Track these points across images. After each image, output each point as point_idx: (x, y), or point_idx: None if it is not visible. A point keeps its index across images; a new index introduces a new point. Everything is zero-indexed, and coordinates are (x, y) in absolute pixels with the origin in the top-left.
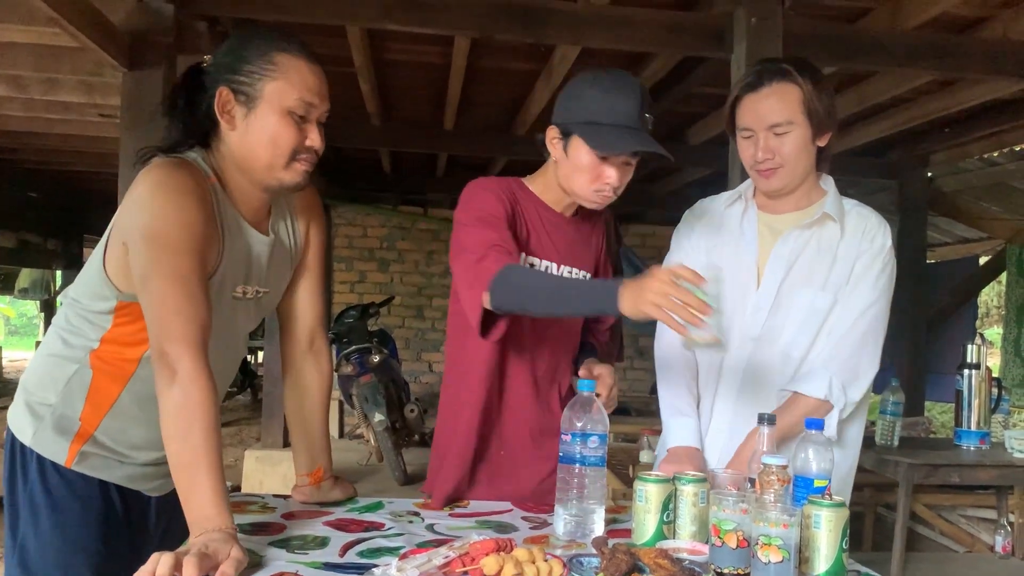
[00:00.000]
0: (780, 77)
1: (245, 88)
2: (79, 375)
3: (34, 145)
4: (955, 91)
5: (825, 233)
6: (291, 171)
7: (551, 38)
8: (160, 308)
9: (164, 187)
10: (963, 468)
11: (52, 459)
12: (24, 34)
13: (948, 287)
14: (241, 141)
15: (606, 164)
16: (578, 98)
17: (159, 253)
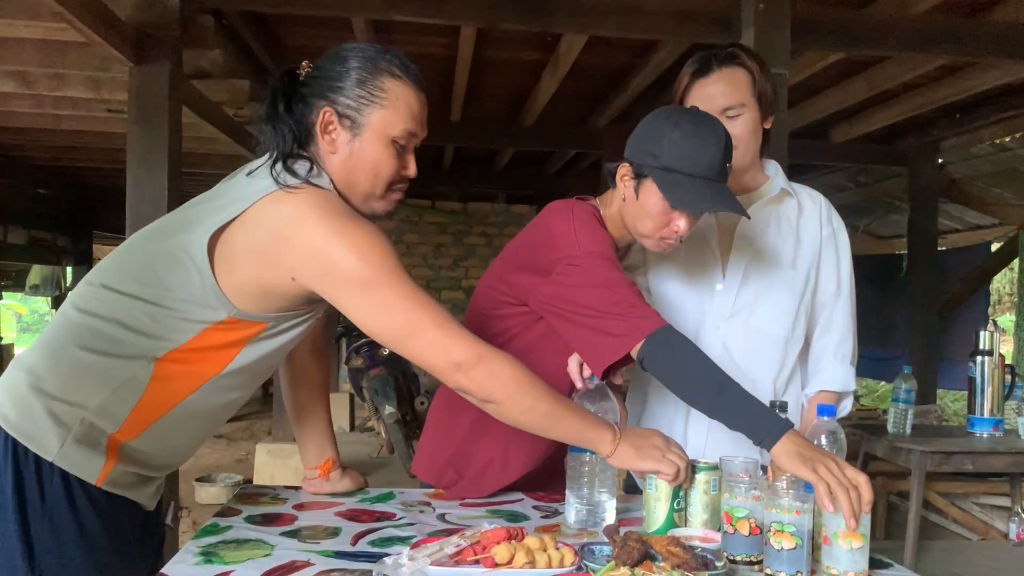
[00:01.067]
0: (729, 61)
1: (350, 112)
2: (132, 383)
3: (42, 142)
4: (966, 76)
5: (783, 210)
6: (385, 200)
7: (557, 27)
8: (428, 333)
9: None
10: (976, 455)
11: (81, 476)
12: (30, 29)
13: (960, 274)
14: (341, 166)
15: (677, 213)
16: (657, 140)
17: (388, 289)
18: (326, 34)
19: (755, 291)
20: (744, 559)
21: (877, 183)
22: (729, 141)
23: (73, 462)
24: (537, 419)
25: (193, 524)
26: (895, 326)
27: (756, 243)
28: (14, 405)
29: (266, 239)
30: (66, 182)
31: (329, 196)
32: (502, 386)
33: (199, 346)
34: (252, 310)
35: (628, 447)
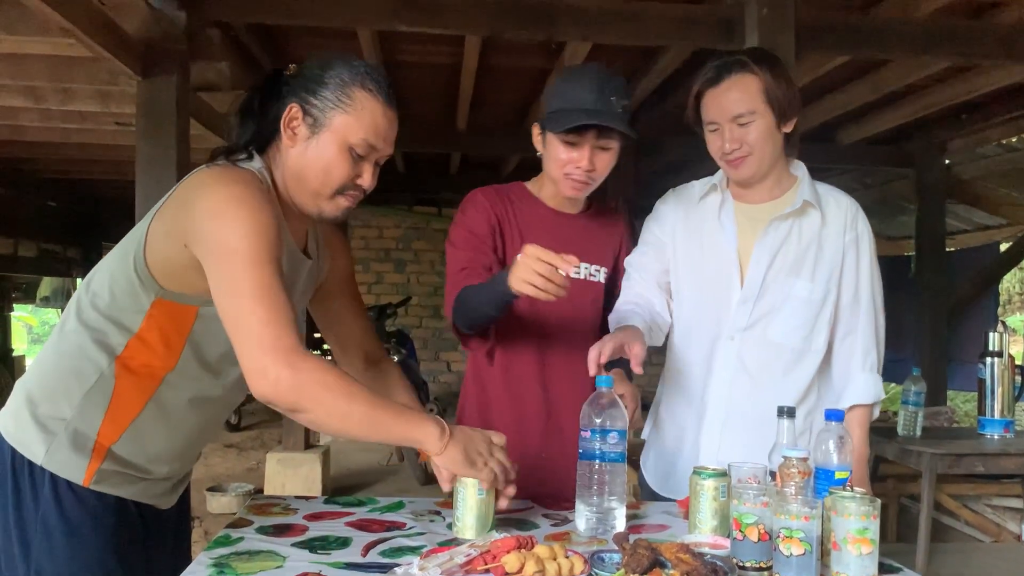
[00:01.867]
0: (739, 69)
1: (315, 111)
2: (100, 386)
3: (51, 155)
4: (971, 77)
5: (807, 221)
6: (333, 204)
7: (561, 35)
8: (250, 321)
9: (243, 202)
10: (987, 457)
11: (67, 478)
12: (39, 45)
13: (969, 275)
14: (296, 160)
15: (575, 149)
16: (548, 94)
17: (241, 268)
18: (332, 45)
19: (772, 303)
20: (753, 565)
21: (884, 185)
22: (608, 78)
23: (59, 464)
24: (354, 425)
25: (205, 534)
26: (904, 328)
27: (775, 255)
28: (12, 416)
29: (174, 209)
30: (75, 194)
31: (243, 173)
32: (310, 397)
33: (148, 338)
34: (175, 289)
35: (457, 449)
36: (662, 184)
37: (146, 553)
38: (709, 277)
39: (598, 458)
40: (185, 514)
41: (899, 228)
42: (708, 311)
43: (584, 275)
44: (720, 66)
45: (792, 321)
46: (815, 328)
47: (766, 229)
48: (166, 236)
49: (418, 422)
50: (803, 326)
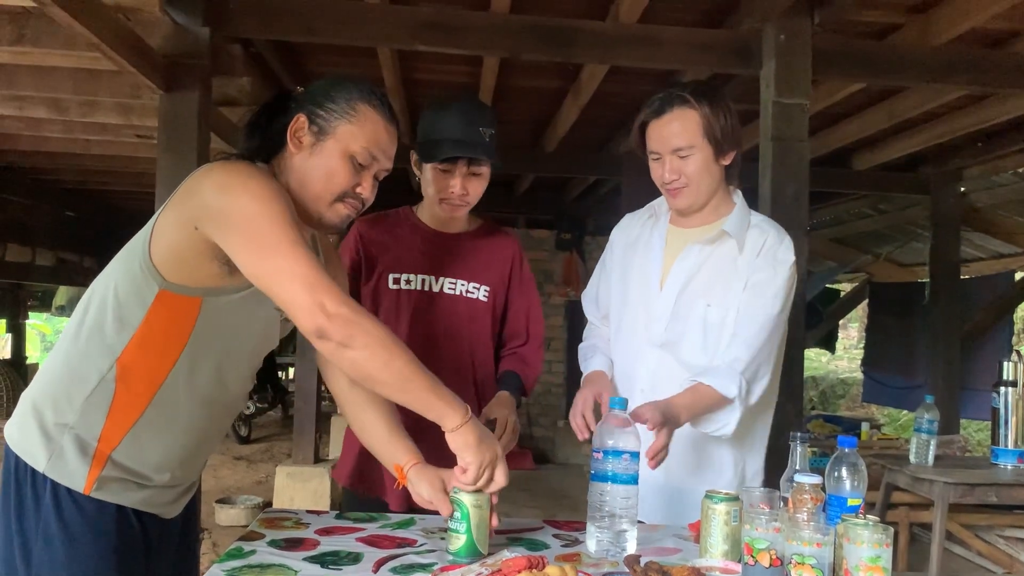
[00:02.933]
0: (680, 103)
1: (320, 120)
2: (101, 390)
3: (72, 166)
4: (987, 105)
5: (723, 249)
6: (333, 210)
7: (579, 57)
8: (294, 269)
9: (252, 175)
10: (1000, 487)
11: (68, 486)
12: (64, 59)
13: (983, 303)
14: (300, 166)
15: (448, 176)
16: (422, 124)
17: (268, 227)
18: (352, 63)
19: (684, 324)
20: None
21: (899, 211)
22: (475, 108)
23: (61, 472)
24: (392, 376)
25: (214, 546)
26: (917, 355)
27: (689, 279)
28: (18, 425)
29: (182, 199)
30: (93, 205)
31: (246, 162)
32: (364, 334)
33: (148, 336)
34: (179, 281)
35: (472, 432)
36: None
37: (147, 563)
38: (633, 295)
39: (610, 480)
40: (192, 525)
41: (913, 255)
42: (629, 327)
43: (460, 291)
44: (664, 99)
45: (696, 343)
46: (715, 351)
47: (684, 253)
48: (173, 225)
49: (448, 397)
50: (710, 348)
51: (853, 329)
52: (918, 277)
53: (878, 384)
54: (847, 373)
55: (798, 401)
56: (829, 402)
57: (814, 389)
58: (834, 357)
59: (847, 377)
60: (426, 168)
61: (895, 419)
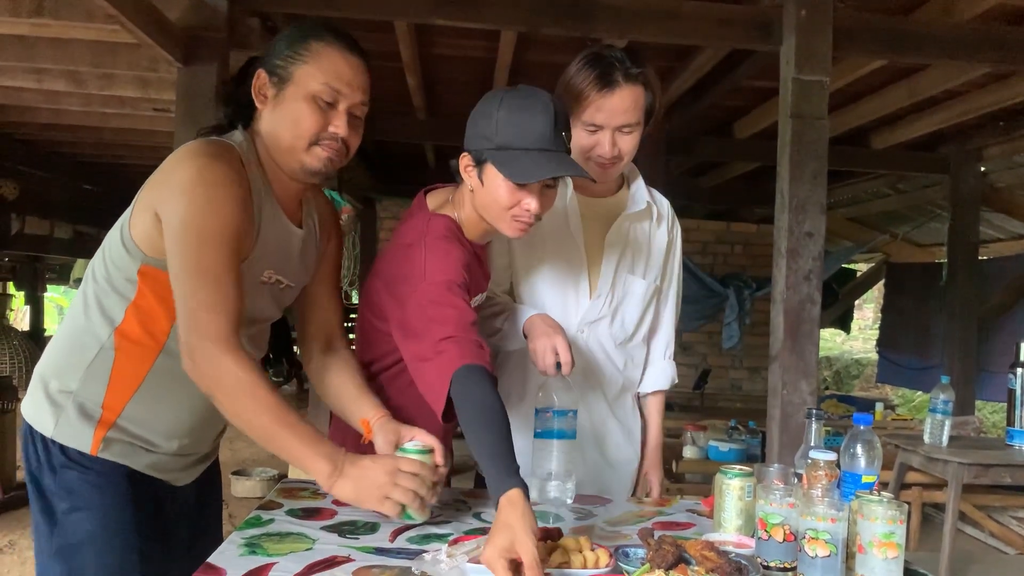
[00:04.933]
0: (634, 79)
1: (279, 70)
2: (101, 358)
3: (90, 139)
4: (1010, 84)
5: (642, 223)
6: (312, 155)
7: (598, 32)
8: (191, 301)
9: (204, 179)
10: (1015, 468)
11: (77, 448)
12: (83, 31)
13: (1001, 284)
14: (269, 120)
15: (525, 191)
16: (488, 122)
17: (193, 247)
18: (368, 36)
19: (616, 300)
20: (778, 565)
21: (917, 190)
22: (559, 107)
23: (68, 435)
24: (255, 433)
25: (230, 517)
26: (933, 336)
27: (621, 254)
28: (30, 396)
29: (156, 181)
30: (111, 178)
31: (218, 147)
32: (224, 388)
33: (143, 305)
34: (158, 256)
35: (347, 488)
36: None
37: (162, 526)
38: (557, 271)
39: (556, 436)
40: (211, 497)
41: (931, 235)
42: (556, 304)
43: None
44: (613, 69)
45: (630, 315)
46: (642, 321)
47: (614, 228)
48: (145, 205)
49: (312, 455)
50: (635, 320)
51: (868, 309)
52: (935, 257)
53: (893, 365)
54: (862, 353)
55: (812, 380)
56: (843, 382)
57: (828, 369)
58: (849, 337)
59: (862, 357)
60: (496, 180)
61: (909, 400)
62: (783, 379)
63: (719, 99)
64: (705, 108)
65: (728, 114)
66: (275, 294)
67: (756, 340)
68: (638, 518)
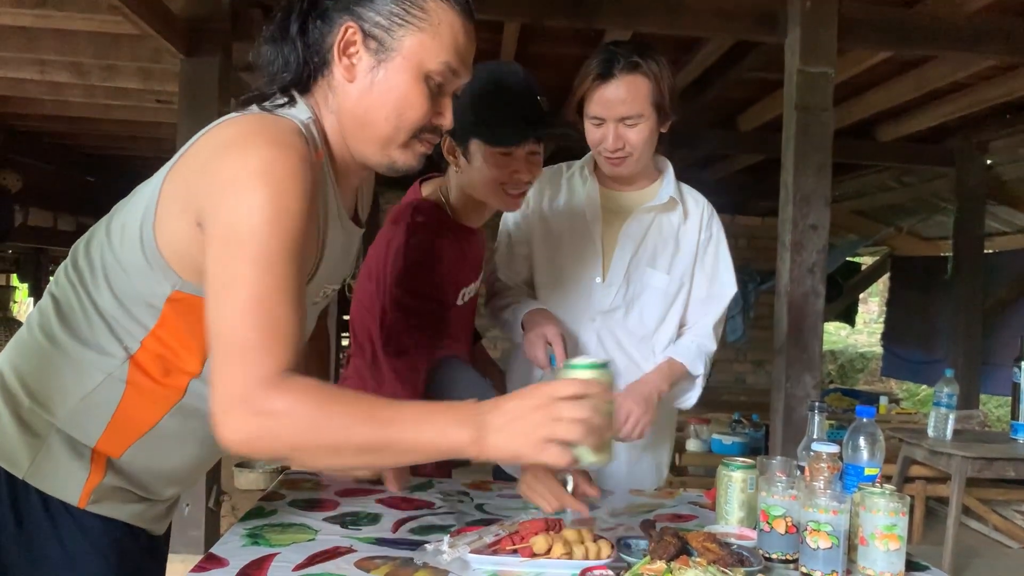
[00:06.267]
0: (630, 69)
1: (379, 32)
2: (106, 389)
3: (93, 130)
4: (1016, 76)
5: (668, 217)
6: (408, 152)
7: (601, 24)
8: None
9: (270, 174)
10: (1019, 462)
11: (60, 497)
12: (86, 22)
13: (1007, 278)
14: (358, 100)
15: (511, 160)
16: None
17: (245, 266)
18: None
19: (632, 291)
20: (780, 557)
21: (923, 183)
22: (529, 75)
23: (48, 479)
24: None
25: (232, 509)
26: (938, 329)
27: (638, 245)
28: None
29: (192, 171)
30: (114, 170)
31: (284, 128)
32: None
33: (167, 338)
34: (195, 280)
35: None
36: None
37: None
38: (571, 261)
39: None
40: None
41: (936, 228)
42: (569, 294)
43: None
44: (612, 60)
45: (649, 310)
46: (666, 318)
47: (631, 219)
48: (179, 207)
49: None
50: (657, 315)
51: (873, 303)
52: (941, 251)
53: (898, 358)
54: (866, 347)
55: (816, 373)
56: (848, 376)
57: (832, 363)
58: (853, 331)
59: (866, 351)
60: (480, 154)
61: (914, 394)
62: (787, 372)
63: (724, 91)
64: (710, 100)
65: (733, 106)
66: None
67: (760, 334)
68: (640, 510)
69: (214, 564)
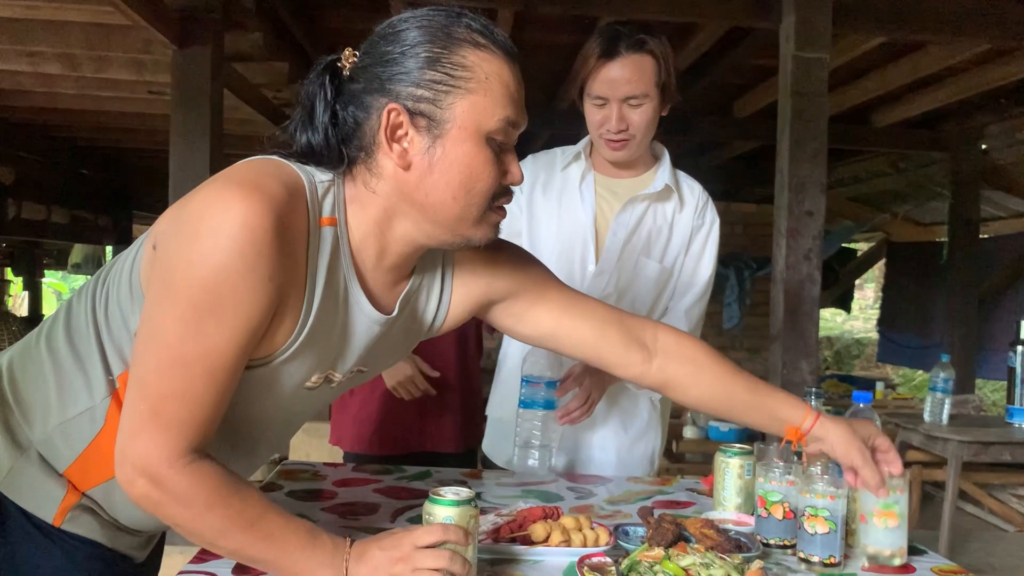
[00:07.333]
0: (637, 48)
1: (426, 107)
2: (85, 421)
3: (85, 123)
4: (1011, 61)
5: (663, 204)
6: (484, 225)
7: (596, 10)
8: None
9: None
10: (1015, 446)
11: (34, 512)
12: (77, 13)
13: (1002, 262)
14: (419, 186)
15: None
16: None
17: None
18: (364, 16)
19: (624, 279)
20: (778, 543)
21: (918, 169)
22: None
23: (23, 490)
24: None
25: None
26: (934, 315)
27: (632, 234)
28: None
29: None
30: (108, 163)
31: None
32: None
33: None
34: None
35: None
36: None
37: None
38: (564, 247)
39: (543, 406)
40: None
41: (931, 214)
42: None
43: None
44: (617, 38)
45: (641, 298)
46: (655, 306)
47: (625, 207)
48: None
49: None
50: (647, 304)
51: (869, 289)
52: (936, 236)
53: (894, 344)
54: (862, 333)
55: (812, 360)
56: (844, 362)
57: (829, 349)
58: (849, 317)
59: (862, 337)
60: None
61: (910, 379)
62: (783, 359)
63: (719, 78)
64: (705, 87)
65: (728, 93)
66: (333, 389)
67: (756, 320)
68: (638, 497)
69: (212, 555)
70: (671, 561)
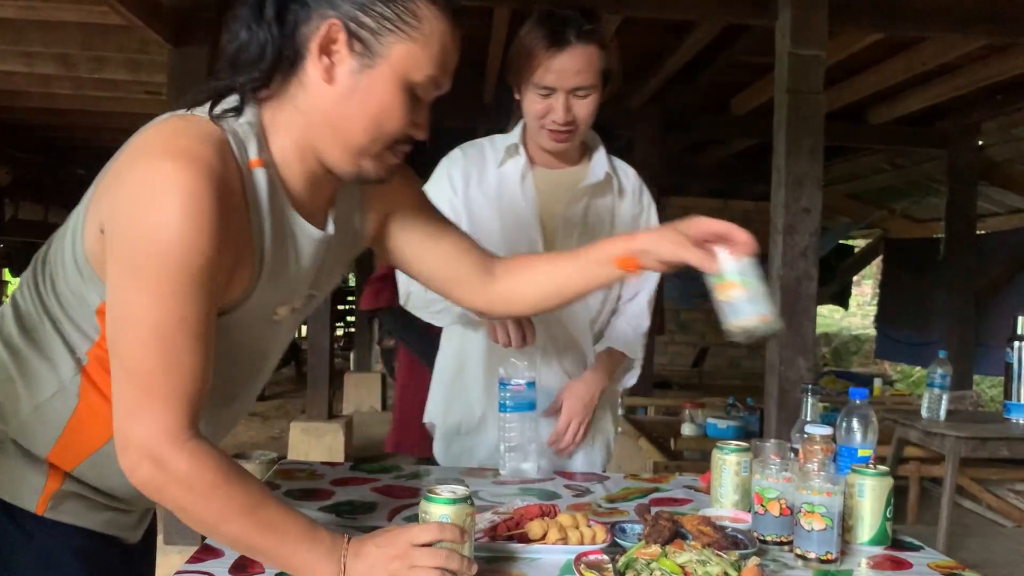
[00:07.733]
0: (587, 38)
1: (366, 36)
2: (58, 401)
3: (82, 123)
4: (1007, 57)
5: (604, 193)
6: (379, 161)
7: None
8: (132, 376)
9: (172, 194)
10: (1012, 442)
11: (16, 503)
12: (73, 13)
13: (1000, 258)
14: (335, 104)
15: None
16: None
17: (144, 297)
18: None
19: None
20: (774, 539)
21: (915, 165)
22: None
23: (3, 486)
24: (226, 543)
25: None
26: (931, 311)
27: (579, 231)
28: None
29: (110, 174)
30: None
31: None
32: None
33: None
34: None
35: None
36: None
37: None
38: (510, 246)
39: (528, 408)
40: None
41: (929, 210)
42: None
43: None
44: (565, 27)
45: (601, 294)
46: (606, 299)
47: (571, 201)
48: (94, 214)
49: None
50: (600, 296)
51: (867, 285)
52: (933, 233)
53: (892, 340)
54: (860, 330)
55: (810, 356)
56: (842, 359)
57: (826, 346)
58: (847, 313)
59: (860, 334)
60: None
61: (908, 375)
62: (780, 356)
63: (716, 75)
64: (702, 84)
65: (725, 90)
66: (296, 318)
67: None
68: (635, 494)
69: (209, 555)
70: (668, 558)
